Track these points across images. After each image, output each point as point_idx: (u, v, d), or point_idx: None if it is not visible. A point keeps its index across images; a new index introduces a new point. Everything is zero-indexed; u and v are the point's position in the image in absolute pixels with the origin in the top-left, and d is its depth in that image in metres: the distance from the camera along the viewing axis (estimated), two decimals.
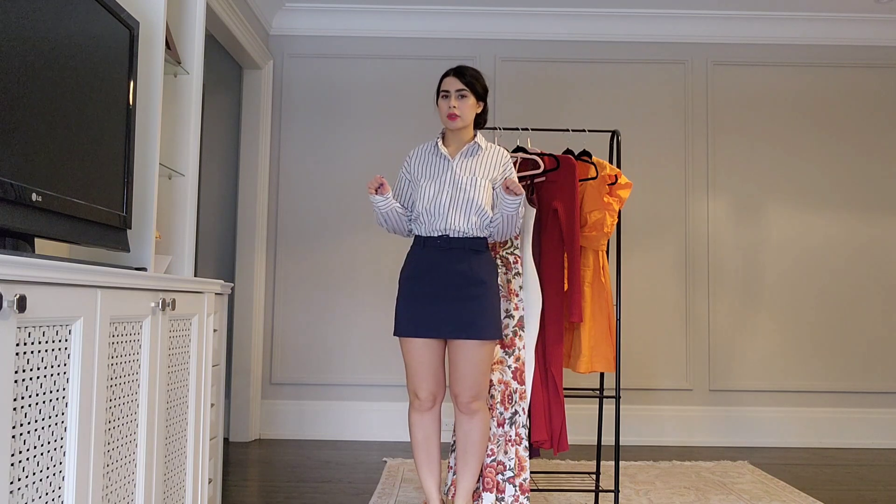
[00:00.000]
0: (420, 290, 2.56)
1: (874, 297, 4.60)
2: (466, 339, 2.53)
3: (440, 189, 2.60)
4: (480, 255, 2.60)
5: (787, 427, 4.51)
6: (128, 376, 1.78)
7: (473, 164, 2.63)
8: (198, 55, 2.66)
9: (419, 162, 2.71)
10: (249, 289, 4.48)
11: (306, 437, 4.47)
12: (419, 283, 2.57)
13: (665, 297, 4.57)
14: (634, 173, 4.39)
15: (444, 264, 2.56)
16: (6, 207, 1.51)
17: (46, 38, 1.67)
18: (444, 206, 2.57)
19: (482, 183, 2.60)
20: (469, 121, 2.66)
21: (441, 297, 2.53)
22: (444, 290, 2.53)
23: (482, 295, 2.54)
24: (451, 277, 2.54)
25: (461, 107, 2.62)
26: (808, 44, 4.68)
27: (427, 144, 2.75)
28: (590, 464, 3.72)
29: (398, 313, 2.61)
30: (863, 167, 4.65)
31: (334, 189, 4.59)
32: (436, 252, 2.58)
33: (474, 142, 2.67)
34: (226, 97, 4.77)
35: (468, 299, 2.52)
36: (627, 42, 4.66)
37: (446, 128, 2.68)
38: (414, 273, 2.61)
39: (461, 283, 2.53)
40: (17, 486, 1.29)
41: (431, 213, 2.58)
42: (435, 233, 2.59)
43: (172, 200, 2.61)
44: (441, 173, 2.63)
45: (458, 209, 2.57)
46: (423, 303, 2.55)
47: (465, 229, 2.57)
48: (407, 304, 2.59)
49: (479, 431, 2.63)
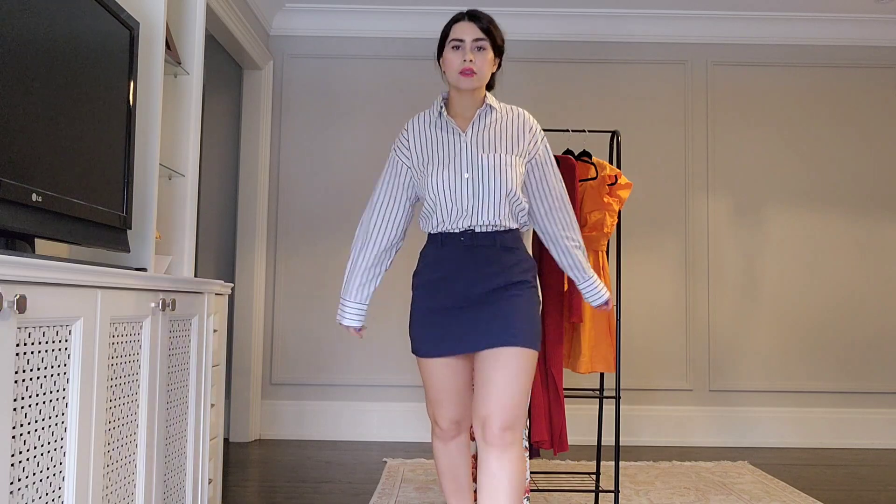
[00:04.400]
0: (439, 304, 2.03)
1: (874, 297, 4.60)
2: (500, 347, 1.95)
3: (455, 175, 2.02)
4: (514, 253, 2.06)
5: (787, 427, 4.51)
6: (128, 377, 1.78)
7: (492, 135, 2.07)
8: (198, 55, 2.66)
9: (421, 141, 2.11)
10: (249, 289, 4.48)
11: (306, 438, 4.47)
12: (438, 293, 2.04)
13: (665, 297, 4.57)
14: (634, 173, 4.39)
15: (468, 268, 2.02)
16: (6, 207, 1.51)
17: (46, 39, 1.67)
18: (465, 198, 2.01)
19: (508, 161, 2.03)
20: (486, 81, 2.08)
21: (465, 304, 2.01)
22: (469, 296, 2.01)
23: (518, 296, 2.01)
24: (477, 284, 2.00)
25: (479, 61, 2.03)
26: (808, 44, 4.68)
27: (425, 115, 2.14)
28: (590, 464, 3.72)
29: (413, 329, 2.09)
30: (863, 167, 4.65)
31: (334, 189, 4.59)
32: (458, 252, 2.04)
33: (485, 104, 2.09)
34: (226, 97, 4.77)
35: (500, 301, 1.99)
36: (627, 42, 4.66)
37: (454, 88, 2.07)
38: (431, 280, 2.06)
39: (490, 285, 2.00)
40: (17, 486, 1.29)
41: (449, 208, 2.02)
42: (456, 229, 2.04)
43: (172, 200, 2.61)
44: (453, 154, 2.04)
45: (482, 199, 2.01)
46: (445, 316, 2.02)
47: (495, 221, 2.02)
48: (424, 320, 2.06)
49: (511, 474, 1.91)
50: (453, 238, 2.04)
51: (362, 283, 2.15)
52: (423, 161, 2.08)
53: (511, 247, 2.06)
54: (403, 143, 2.14)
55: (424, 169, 2.07)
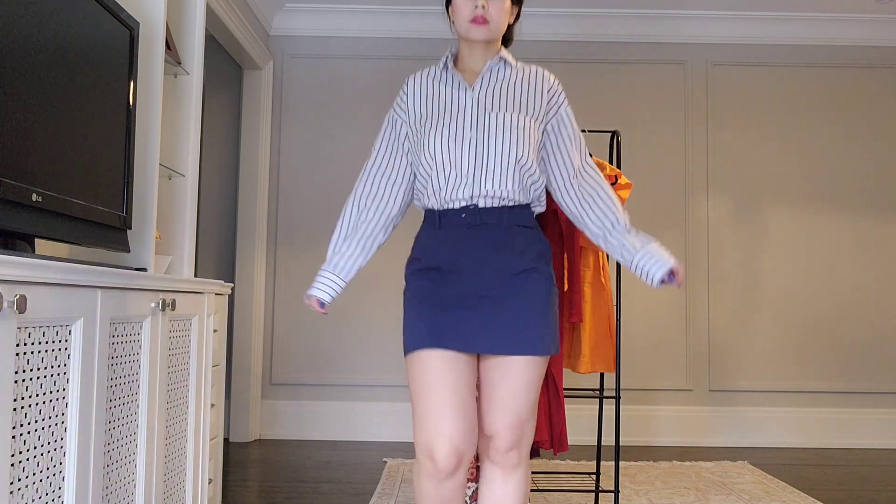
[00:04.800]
0: (437, 292, 1.72)
1: (874, 296, 4.59)
2: (509, 356, 1.68)
3: (458, 134, 1.72)
4: (525, 235, 1.74)
5: (787, 427, 4.51)
6: (128, 376, 1.78)
7: (504, 92, 1.78)
8: (198, 55, 2.66)
9: (422, 96, 1.81)
10: (249, 289, 4.48)
11: (306, 438, 4.47)
12: (434, 284, 1.73)
13: (665, 297, 4.57)
14: (634, 173, 4.39)
15: (471, 254, 1.71)
16: (6, 207, 1.51)
17: (46, 39, 1.67)
18: (466, 162, 1.70)
19: (521, 121, 1.73)
20: (501, 33, 1.80)
21: (469, 299, 1.69)
22: (474, 290, 1.69)
23: (531, 289, 1.70)
24: (482, 273, 1.70)
25: (493, 9, 1.74)
26: (808, 44, 4.68)
27: (430, 69, 1.86)
28: (590, 464, 3.72)
29: (407, 324, 1.75)
30: (863, 167, 4.65)
31: (334, 189, 4.59)
32: (459, 234, 1.72)
33: (499, 56, 1.80)
34: (226, 97, 4.77)
35: (512, 296, 1.69)
36: (627, 42, 4.66)
37: (464, 40, 1.80)
38: (428, 265, 1.75)
39: (499, 276, 1.70)
40: (17, 486, 1.29)
41: (447, 173, 1.71)
42: (456, 203, 1.72)
43: (172, 200, 2.61)
44: (457, 111, 1.75)
45: (486, 164, 1.70)
46: (444, 312, 1.70)
47: (502, 193, 1.71)
48: (420, 312, 1.73)
49: (517, 498, 1.73)
50: (453, 216, 1.73)
51: (346, 255, 1.83)
52: (422, 118, 1.78)
53: (522, 226, 1.75)
54: (402, 101, 1.85)
55: (422, 127, 1.77)
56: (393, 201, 1.83)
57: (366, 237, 1.83)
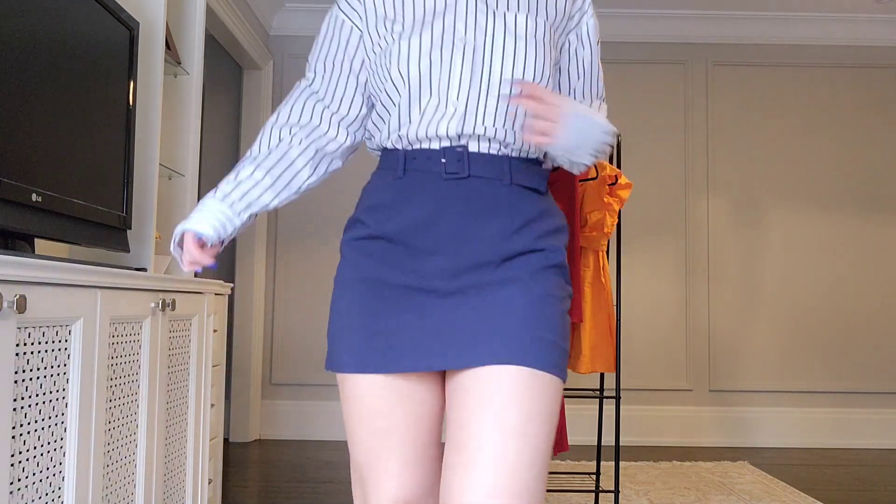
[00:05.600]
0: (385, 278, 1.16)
1: (874, 297, 4.59)
2: (497, 365, 1.07)
3: (445, 41, 1.15)
4: (535, 200, 1.18)
5: (787, 427, 4.51)
6: (128, 376, 1.78)
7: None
8: (198, 55, 2.66)
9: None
10: (249, 289, 4.48)
11: (306, 438, 4.47)
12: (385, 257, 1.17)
13: (665, 297, 4.57)
14: (634, 173, 4.39)
15: (448, 214, 1.14)
16: (6, 207, 1.51)
17: (46, 39, 1.67)
18: (457, 81, 1.14)
19: (534, 27, 1.17)
20: None
21: (434, 291, 1.13)
22: (443, 277, 1.13)
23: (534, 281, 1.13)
24: (461, 246, 1.13)
25: None
26: (809, 44, 4.68)
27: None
28: (590, 464, 3.72)
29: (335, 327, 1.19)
30: (863, 167, 4.65)
31: (334, 188, 4.58)
32: (433, 185, 1.15)
33: None
34: (226, 97, 4.77)
35: (500, 287, 1.12)
36: (627, 42, 4.66)
37: None
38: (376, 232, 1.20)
39: (485, 257, 1.13)
40: (17, 486, 1.29)
41: (421, 97, 1.16)
42: (433, 141, 1.16)
43: (172, 200, 2.61)
44: (443, 7, 1.18)
45: (490, 87, 1.14)
46: (397, 304, 1.14)
47: (506, 135, 1.15)
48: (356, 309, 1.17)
49: None
50: (426, 159, 1.15)
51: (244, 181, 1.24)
52: (387, 18, 1.20)
53: (530, 188, 1.18)
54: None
55: (388, 32, 1.19)
56: (334, 135, 1.33)
57: (283, 168, 1.26)
